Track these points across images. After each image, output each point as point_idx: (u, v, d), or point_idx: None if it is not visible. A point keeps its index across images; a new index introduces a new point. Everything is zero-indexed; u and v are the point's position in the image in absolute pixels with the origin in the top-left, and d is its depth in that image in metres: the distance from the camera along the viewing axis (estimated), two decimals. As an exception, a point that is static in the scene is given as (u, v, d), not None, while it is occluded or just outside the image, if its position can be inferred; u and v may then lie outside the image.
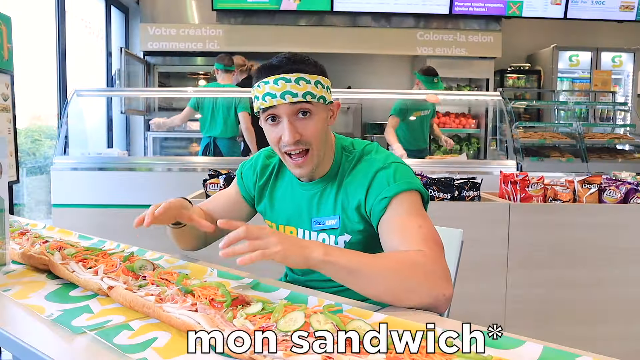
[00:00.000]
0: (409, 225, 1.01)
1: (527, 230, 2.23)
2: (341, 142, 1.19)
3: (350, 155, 1.16)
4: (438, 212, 2.17)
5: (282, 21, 5.17)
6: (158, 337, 0.78)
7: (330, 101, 1.12)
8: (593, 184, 2.30)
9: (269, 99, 1.05)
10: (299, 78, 1.05)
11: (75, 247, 1.17)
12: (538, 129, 3.60)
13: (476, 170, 3.01)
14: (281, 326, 0.73)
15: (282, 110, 1.06)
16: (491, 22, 5.28)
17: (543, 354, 0.71)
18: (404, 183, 1.06)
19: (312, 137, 1.08)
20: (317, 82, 1.07)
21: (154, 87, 5.31)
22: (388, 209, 1.05)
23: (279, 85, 1.04)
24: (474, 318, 0.78)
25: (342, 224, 1.14)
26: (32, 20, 3.64)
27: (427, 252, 0.96)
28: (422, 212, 1.06)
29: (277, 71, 1.06)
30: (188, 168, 3.05)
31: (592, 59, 5.52)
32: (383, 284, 0.91)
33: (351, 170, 1.14)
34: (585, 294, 2.24)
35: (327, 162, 1.16)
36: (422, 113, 3.72)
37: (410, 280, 0.92)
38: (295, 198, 1.20)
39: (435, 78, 3.56)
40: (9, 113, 2.29)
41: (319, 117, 1.09)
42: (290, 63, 1.06)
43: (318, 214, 1.16)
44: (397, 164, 1.11)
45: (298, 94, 1.04)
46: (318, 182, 1.17)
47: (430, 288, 0.92)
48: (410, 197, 1.06)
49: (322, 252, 0.90)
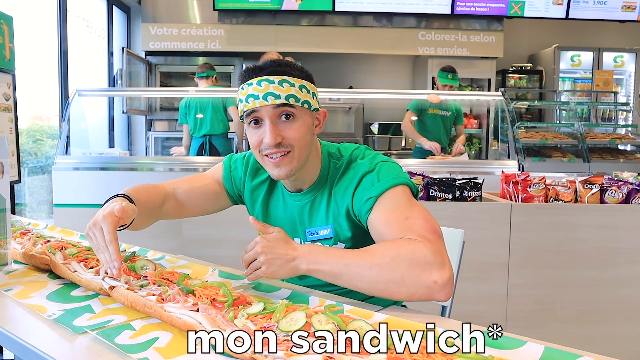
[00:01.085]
0: (396, 218, 1.00)
1: (529, 231, 2.22)
2: (327, 149, 1.17)
3: (338, 162, 1.14)
4: (440, 212, 2.20)
5: (284, 21, 5.16)
6: (159, 337, 0.78)
7: (315, 108, 1.09)
8: (595, 184, 2.29)
9: (252, 100, 1.03)
10: (282, 80, 1.03)
11: (76, 247, 1.17)
12: (540, 129, 3.59)
13: (478, 170, 3.01)
14: (282, 326, 0.73)
15: (265, 112, 1.04)
16: (493, 22, 5.27)
17: (544, 354, 0.70)
18: (388, 180, 1.05)
19: (294, 140, 1.05)
20: (302, 87, 1.05)
21: (156, 87, 5.31)
22: (374, 208, 1.03)
23: (262, 86, 1.02)
24: (475, 318, 0.78)
25: (335, 233, 1.13)
26: (33, 19, 3.64)
27: (414, 240, 0.94)
28: (409, 203, 1.03)
29: (261, 73, 1.04)
30: (190, 168, 3.05)
31: (594, 59, 5.50)
32: (368, 281, 0.92)
33: (340, 178, 1.12)
34: (587, 294, 2.23)
35: (314, 171, 1.13)
36: (440, 112, 3.77)
37: (394, 272, 0.90)
38: (288, 209, 1.18)
39: (450, 74, 3.67)
40: (11, 113, 2.30)
41: (302, 121, 1.06)
42: (275, 66, 1.05)
43: (311, 225, 1.15)
44: (382, 164, 1.09)
45: (281, 96, 1.02)
46: (307, 192, 1.15)
47: (416, 277, 0.90)
48: (395, 193, 1.04)
49: (306, 262, 0.95)
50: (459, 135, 3.87)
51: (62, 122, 3.13)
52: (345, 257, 0.95)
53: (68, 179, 2.85)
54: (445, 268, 0.92)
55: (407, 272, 0.90)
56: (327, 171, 1.14)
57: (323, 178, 1.14)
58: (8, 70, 2.27)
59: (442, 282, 0.90)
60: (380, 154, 1.15)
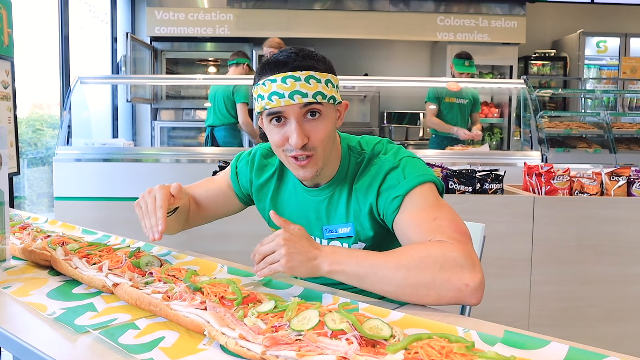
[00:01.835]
0: (424, 219, 0.97)
1: (553, 225, 2.19)
2: (347, 142, 1.13)
3: (359, 157, 1.10)
4: (459, 205, 2.14)
5: (296, 5, 5.09)
6: (165, 337, 0.77)
7: (339, 101, 1.05)
8: (621, 176, 2.26)
9: (277, 99, 0.97)
10: (309, 76, 0.98)
11: (78, 242, 1.16)
12: (564, 119, 3.56)
13: (499, 161, 2.96)
14: (294, 325, 0.71)
15: (291, 111, 0.99)
16: (515, 6, 5.16)
17: (569, 354, 0.68)
18: (414, 177, 1.02)
19: (319, 142, 1.01)
20: (328, 81, 1.00)
21: (162, 74, 5.25)
22: (401, 207, 1.01)
23: (287, 84, 0.97)
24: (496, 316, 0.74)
25: (356, 232, 1.10)
26: (33, 3, 3.61)
27: (444, 242, 0.91)
28: (437, 202, 1.01)
29: (285, 68, 0.98)
30: (197, 159, 3.00)
31: (620, 45, 5.38)
32: (395, 284, 0.89)
33: (362, 174, 1.09)
34: (614, 291, 2.20)
35: (333, 166, 1.10)
36: (457, 100, 3.74)
37: (424, 274, 0.88)
38: (302, 205, 1.15)
39: (466, 61, 3.63)
40: (9, 101, 2.27)
41: (328, 118, 1.02)
42: (300, 59, 0.99)
43: (329, 222, 1.12)
44: (407, 159, 1.06)
45: (309, 94, 0.97)
46: (325, 188, 1.11)
47: (447, 280, 0.88)
48: (422, 191, 1.01)
49: (328, 262, 0.92)
50: (474, 123, 3.84)
51: (63, 111, 3.09)
52: (370, 258, 0.92)
53: (69, 170, 2.81)
54: (477, 271, 0.90)
55: (437, 275, 0.88)
56: (347, 166, 1.10)
57: (343, 173, 1.10)
58: (6, 57, 2.24)
59: (474, 285, 0.88)
60: (402, 148, 1.12)
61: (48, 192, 3.68)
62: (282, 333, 0.69)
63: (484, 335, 0.74)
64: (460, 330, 0.75)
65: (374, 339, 0.67)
